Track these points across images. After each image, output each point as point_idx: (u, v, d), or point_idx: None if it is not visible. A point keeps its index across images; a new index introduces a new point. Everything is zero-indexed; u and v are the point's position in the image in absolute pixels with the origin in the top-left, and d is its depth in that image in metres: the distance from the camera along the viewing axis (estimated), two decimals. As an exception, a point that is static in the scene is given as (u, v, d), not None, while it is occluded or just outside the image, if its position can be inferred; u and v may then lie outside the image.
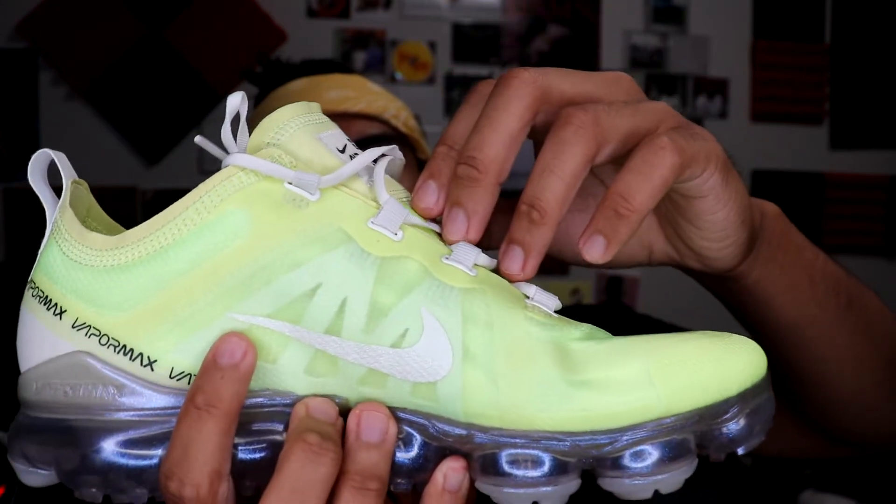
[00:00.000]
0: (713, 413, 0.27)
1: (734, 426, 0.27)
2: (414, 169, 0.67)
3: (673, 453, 0.27)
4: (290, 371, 0.28)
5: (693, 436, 0.27)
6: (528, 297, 0.30)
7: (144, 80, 1.94)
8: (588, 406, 0.27)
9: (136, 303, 0.28)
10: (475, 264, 0.29)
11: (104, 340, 0.28)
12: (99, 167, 1.96)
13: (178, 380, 0.28)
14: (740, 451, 0.28)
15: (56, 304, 0.28)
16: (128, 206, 1.96)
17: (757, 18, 2.25)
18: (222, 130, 0.28)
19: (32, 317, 0.29)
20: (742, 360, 0.27)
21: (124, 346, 0.28)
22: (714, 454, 0.28)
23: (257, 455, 0.28)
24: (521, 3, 2.13)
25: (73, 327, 0.28)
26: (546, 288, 0.31)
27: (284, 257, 0.27)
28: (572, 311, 0.37)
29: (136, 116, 1.95)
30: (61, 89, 1.93)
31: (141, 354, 0.28)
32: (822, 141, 2.31)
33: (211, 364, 0.27)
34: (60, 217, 0.29)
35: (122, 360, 0.28)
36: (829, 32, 2.30)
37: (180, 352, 0.28)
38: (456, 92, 2.10)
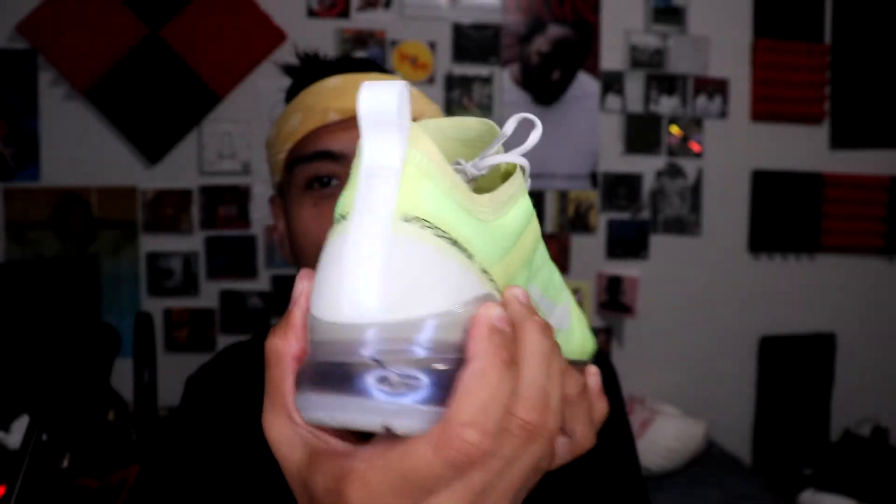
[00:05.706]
0: None
1: None
2: None
3: None
4: None
5: None
6: None
7: (144, 80, 1.94)
8: None
9: (505, 254, 0.31)
10: None
11: (494, 287, 0.30)
12: (99, 167, 1.96)
13: None
14: None
15: (465, 249, 0.29)
16: (128, 206, 1.96)
17: (757, 18, 2.25)
18: (530, 142, 0.33)
19: (447, 257, 0.28)
20: None
21: (500, 292, 0.31)
22: None
23: None
24: (521, 3, 2.13)
25: (482, 271, 0.30)
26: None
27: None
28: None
29: (137, 116, 1.95)
30: (61, 89, 1.93)
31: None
32: (822, 141, 2.31)
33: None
34: (437, 162, 0.28)
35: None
36: (829, 32, 2.30)
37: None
38: (456, 92, 2.10)
